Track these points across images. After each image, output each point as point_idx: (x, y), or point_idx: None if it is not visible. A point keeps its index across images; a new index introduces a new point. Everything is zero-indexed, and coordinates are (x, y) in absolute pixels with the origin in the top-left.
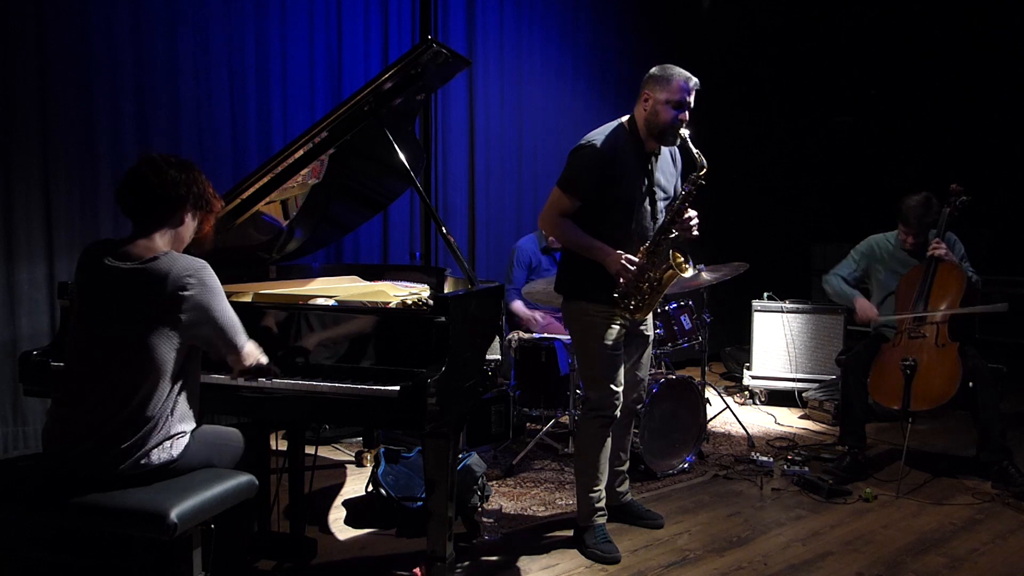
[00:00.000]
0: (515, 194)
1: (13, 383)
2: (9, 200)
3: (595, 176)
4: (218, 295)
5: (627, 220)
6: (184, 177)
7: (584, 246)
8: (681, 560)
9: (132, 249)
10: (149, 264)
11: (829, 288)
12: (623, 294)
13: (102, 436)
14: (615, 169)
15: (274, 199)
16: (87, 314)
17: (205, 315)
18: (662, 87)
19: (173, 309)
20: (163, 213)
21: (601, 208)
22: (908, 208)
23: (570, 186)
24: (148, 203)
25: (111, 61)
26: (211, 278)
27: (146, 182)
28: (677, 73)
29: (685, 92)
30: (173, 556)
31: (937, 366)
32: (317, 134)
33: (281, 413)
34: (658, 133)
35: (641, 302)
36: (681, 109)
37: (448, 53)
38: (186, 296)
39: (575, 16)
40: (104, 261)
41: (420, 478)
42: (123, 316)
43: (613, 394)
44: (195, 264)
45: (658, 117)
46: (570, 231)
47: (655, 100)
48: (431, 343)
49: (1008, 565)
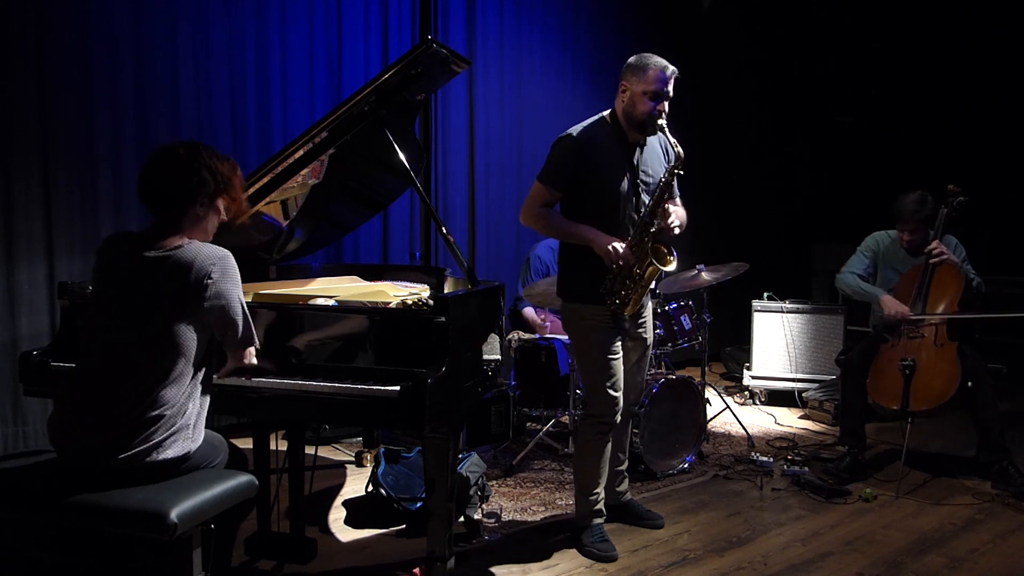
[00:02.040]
0: (515, 194)
1: (13, 383)
2: (9, 200)
3: (571, 164)
4: (238, 285)
5: (613, 211)
6: (199, 163)
7: (568, 232)
8: (681, 560)
9: (157, 240)
10: (175, 252)
11: (846, 287)
12: (612, 286)
13: (121, 425)
14: (593, 157)
15: (274, 199)
16: (110, 305)
17: (224, 303)
18: (639, 77)
19: (198, 297)
20: (187, 201)
21: (585, 198)
22: (903, 206)
23: (548, 176)
24: (170, 195)
25: (111, 61)
26: (233, 268)
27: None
28: (654, 62)
29: (662, 82)
30: (173, 556)
31: (936, 366)
32: (317, 134)
33: (281, 413)
34: (637, 124)
35: (627, 297)
36: (659, 100)
37: (448, 53)
38: (209, 284)
39: (575, 16)
40: (130, 251)
41: (420, 478)
42: (149, 304)
43: (613, 400)
44: (219, 253)
45: (636, 108)
46: (552, 219)
47: (632, 91)
48: (431, 343)
49: (1008, 565)
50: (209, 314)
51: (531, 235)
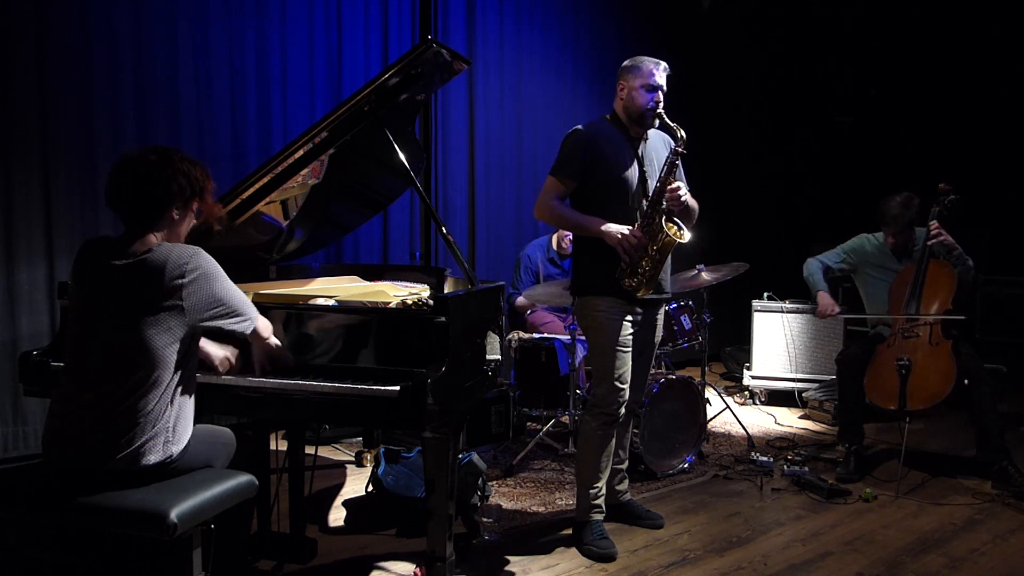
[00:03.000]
0: (515, 194)
1: (13, 383)
2: (9, 200)
3: (582, 154)
4: (218, 277)
5: (622, 201)
6: (171, 169)
7: (579, 224)
8: (681, 560)
9: (127, 246)
10: (144, 257)
11: (806, 270)
12: (626, 270)
13: (101, 433)
14: (601, 147)
15: (274, 199)
16: (85, 311)
17: (209, 298)
18: (634, 74)
19: (174, 298)
20: (157, 208)
21: (595, 189)
22: (888, 209)
23: (560, 168)
24: (139, 203)
25: (111, 61)
26: (207, 262)
27: (132, 182)
28: (646, 60)
29: (654, 76)
30: (173, 556)
31: (931, 365)
32: (317, 134)
33: (281, 413)
34: (637, 117)
35: (644, 277)
36: (654, 91)
37: (448, 53)
38: (185, 283)
39: (575, 16)
40: (101, 259)
41: (420, 478)
42: (121, 312)
43: (618, 391)
44: (188, 251)
45: (635, 102)
46: (563, 211)
47: (629, 87)
48: (431, 343)
49: (1008, 565)
50: (195, 312)
51: (531, 235)
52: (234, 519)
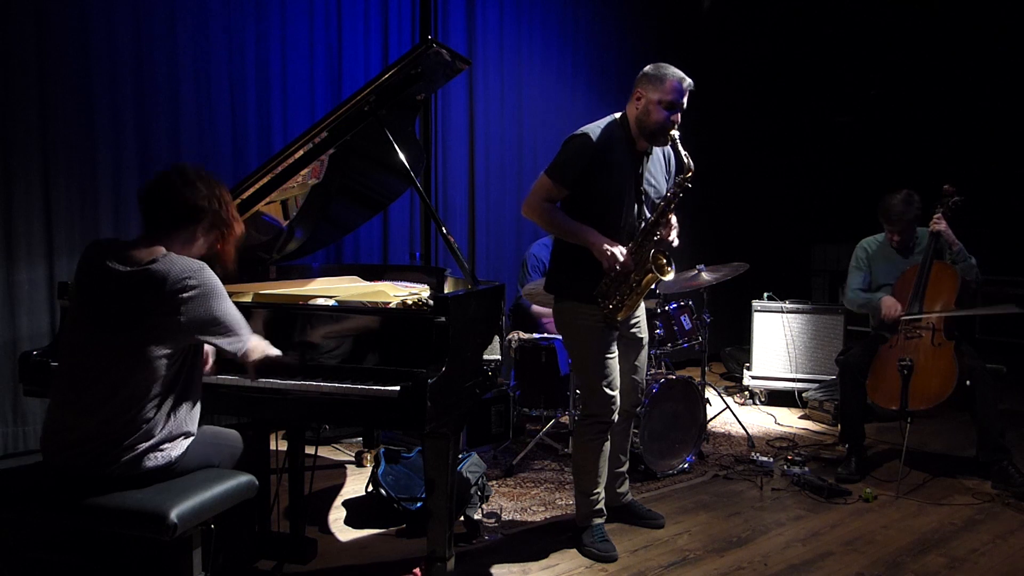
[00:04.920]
0: (515, 194)
1: (13, 383)
2: (9, 200)
3: (583, 164)
4: (218, 295)
5: (615, 217)
6: (207, 192)
7: (569, 230)
8: (681, 560)
9: (135, 253)
10: (148, 266)
11: (853, 306)
12: (606, 290)
13: (97, 439)
14: (604, 161)
15: (274, 199)
16: (84, 315)
17: (205, 316)
18: (655, 86)
19: (172, 311)
20: (178, 223)
21: (589, 201)
22: (890, 207)
23: (557, 172)
24: (167, 210)
25: (111, 62)
26: (211, 278)
27: (170, 189)
28: (671, 73)
29: (678, 93)
30: (173, 556)
31: (933, 365)
32: (317, 134)
33: (281, 413)
34: (649, 133)
35: (621, 303)
36: (673, 110)
37: (448, 53)
38: (185, 298)
39: (575, 16)
40: (105, 263)
41: (420, 478)
42: (121, 319)
43: (609, 399)
44: (193, 265)
45: (650, 117)
46: (554, 215)
47: (647, 99)
48: (431, 343)
49: (1008, 565)
50: (191, 327)
51: (531, 235)
52: (238, 519)
